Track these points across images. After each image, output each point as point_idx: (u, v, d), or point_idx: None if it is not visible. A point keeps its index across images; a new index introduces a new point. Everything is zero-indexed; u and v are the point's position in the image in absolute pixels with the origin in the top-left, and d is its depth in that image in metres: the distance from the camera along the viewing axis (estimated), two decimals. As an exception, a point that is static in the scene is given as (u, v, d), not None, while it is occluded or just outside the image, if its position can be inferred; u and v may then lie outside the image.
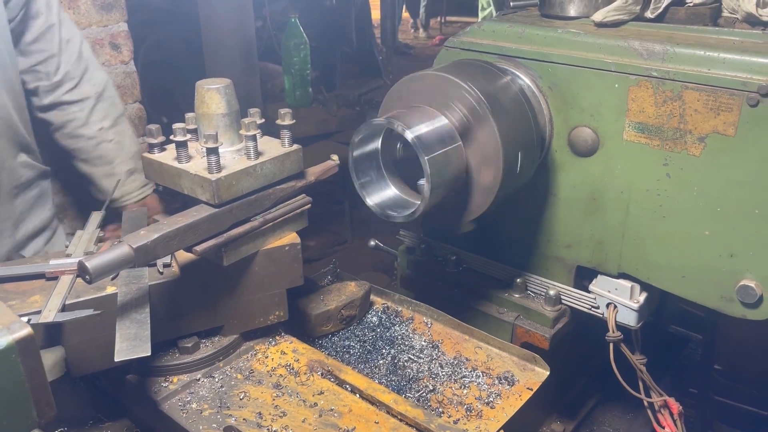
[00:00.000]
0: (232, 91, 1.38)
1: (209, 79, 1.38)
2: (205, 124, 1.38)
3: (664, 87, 1.51)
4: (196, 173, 1.31)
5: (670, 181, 1.56)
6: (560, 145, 1.72)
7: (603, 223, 1.71)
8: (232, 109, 1.38)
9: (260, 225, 1.39)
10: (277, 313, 1.48)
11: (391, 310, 1.70)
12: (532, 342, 1.82)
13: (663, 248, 1.63)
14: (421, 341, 1.59)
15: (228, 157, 1.37)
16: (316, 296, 1.62)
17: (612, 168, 1.65)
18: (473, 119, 1.50)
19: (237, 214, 1.35)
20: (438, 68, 1.63)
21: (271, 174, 1.38)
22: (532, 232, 1.85)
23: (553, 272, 1.86)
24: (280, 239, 1.46)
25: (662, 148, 1.55)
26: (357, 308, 1.62)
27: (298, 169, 1.45)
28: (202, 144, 1.30)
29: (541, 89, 1.70)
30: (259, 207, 1.39)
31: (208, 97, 1.36)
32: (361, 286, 1.66)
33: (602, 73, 1.59)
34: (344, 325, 1.63)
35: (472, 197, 1.58)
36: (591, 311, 1.80)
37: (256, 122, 1.36)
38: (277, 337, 1.53)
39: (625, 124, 1.59)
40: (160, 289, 1.36)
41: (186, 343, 1.42)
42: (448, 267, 2.01)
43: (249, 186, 1.35)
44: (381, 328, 1.64)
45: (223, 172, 1.30)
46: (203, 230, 1.29)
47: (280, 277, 1.46)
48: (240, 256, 1.39)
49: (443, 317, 1.61)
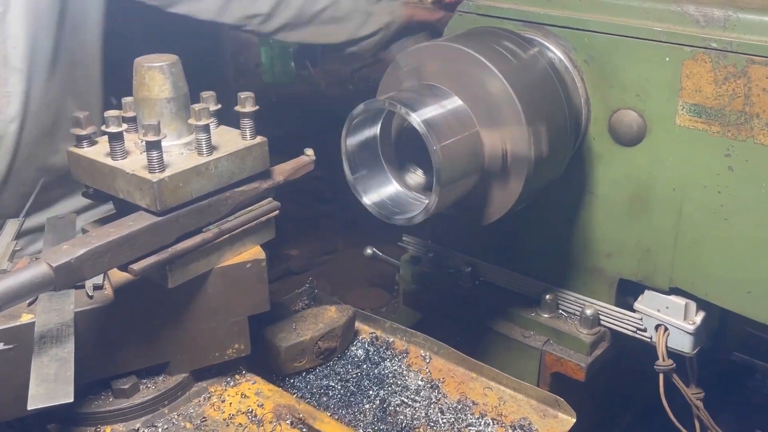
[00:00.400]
0: (179, 70, 1.35)
1: (151, 55, 1.36)
2: (146, 111, 1.36)
3: (726, 61, 1.51)
4: (134, 173, 1.27)
5: (732, 176, 1.57)
6: (599, 132, 1.72)
7: (651, 226, 1.71)
8: (180, 92, 1.36)
9: (215, 237, 1.37)
10: (236, 346, 1.47)
11: (381, 341, 1.68)
12: (565, 372, 1.82)
13: (724, 257, 1.63)
14: (418, 380, 1.57)
15: (174, 152, 1.35)
16: (287, 324, 1.60)
17: (662, 159, 1.65)
18: (486, 89, 1.50)
19: (185, 223, 1.33)
20: (448, 38, 1.63)
21: (228, 173, 1.36)
22: (565, 238, 1.85)
23: (590, 287, 1.86)
24: (240, 254, 1.44)
25: (723, 135, 1.55)
26: (338, 339, 1.60)
27: (263, 167, 1.43)
28: (141, 137, 1.28)
29: (575, 63, 1.70)
30: (214, 214, 1.37)
31: (149, 77, 1.33)
32: (344, 311, 1.63)
33: (650, 44, 1.59)
34: (322, 360, 1.60)
35: (492, 193, 1.58)
36: (636, 335, 1.80)
37: (208, 109, 1.34)
38: (236, 376, 1.51)
39: (678, 106, 1.59)
40: (90, 317, 1.33)
41: (122, 384, 1.40)
42: (462, 280, 2.01)
43: (200, 188, 1.33)
44: (368, 363, 1.61)
45: (167, 171, 1.27)
46: (142, 244, 1.26)
47: (241, 302, 1.44)
48: (189, 276, 1.37)
49: (445, 350, 1.60)
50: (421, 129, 1.43)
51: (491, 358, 1.94)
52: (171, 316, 1.41)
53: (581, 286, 1.87)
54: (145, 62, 1.34)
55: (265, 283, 1.45)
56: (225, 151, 1.36)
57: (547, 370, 1.84)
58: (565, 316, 1.90)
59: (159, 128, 1.26)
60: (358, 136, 1.57)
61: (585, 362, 1.79)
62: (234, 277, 1.42)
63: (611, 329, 1.84)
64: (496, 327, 1.92)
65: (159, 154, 1.26)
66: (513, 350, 1.90)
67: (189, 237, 1.34)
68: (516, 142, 1.50)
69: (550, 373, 1.84)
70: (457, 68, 1.53)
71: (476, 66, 1.51)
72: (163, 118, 1.35)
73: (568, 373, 1.81)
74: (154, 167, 1.27)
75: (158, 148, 1.26)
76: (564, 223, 1.84)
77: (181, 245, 1.32)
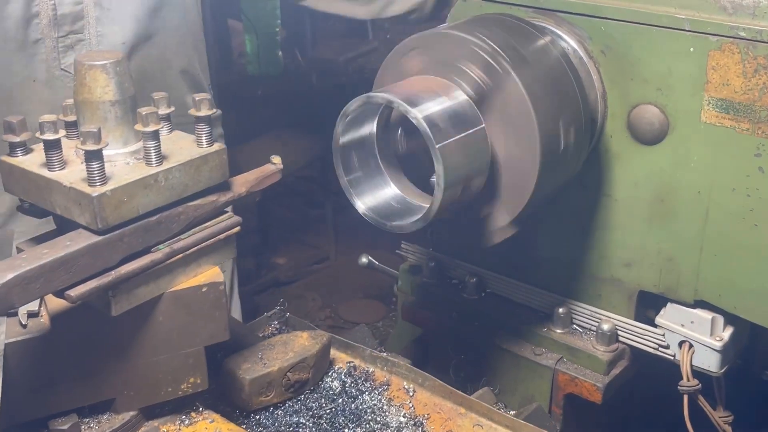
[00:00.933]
0: (125, 69, 1.33)
1: (92, 51, 1.35)
2: (87, 115, 1.32)
3: (756, 51, 1.52)
4: (72, 186, 1.23)
5: (764, 178, 1.57)
6: (617, 129, 1.72)
7: (674, 233, 1.71)
8: (126, 94, 1.33)
9: (165, 258, 1.34)
10: (191, 380, 1.44)
11: (360, 372, 1.63)
12: (580, 393, 1.82)
13: (754, 267, 1.63)
14: (400, 416, 1.54)
15: (119, 162, 1.32)
16: (252, 354, 1.55)
17: (686, 159, 1.65)
18: (490, 80, 1.50)
19: (131, 243, 1.29)
20: (452, 26, 1.63)
21: (181, 185, 1.33)
22: (579, 245, 1.85)
23: (607, 300, 1.86)
24: (196, 277, 1.41)
25: (753, 133, 1.56)
26: (310, 370, 1.57)
27: (222, 178, 1.40)
28: (79, 145, 1.24)
29: (591, 54, 1.70)
30: (164, 232, 1.34)
31: (90, 77, 1.30)
32: (317, 338, 1.60)
33: (673, 33, 1.60)
34: (292, 393, 1.57)
35: (499, 194, 1.58)
36: (658, 352, 1.80)
37: (157, 113, 1.31)
38: (192, 414, 1.48)
39: (704, 101, 1.60)
40: (23, 349, 1.30)
41: (61, 424, 1.36)
42: (467, 292, 2.02)
43: (149, 203, 1.30)
44: (344, 397, 1.57)
45: (109, 184, 1.23)
46: (81, 267, 1.23)
47: (196, 331, 1.41)
48: (136, 302, 1.33)
49: (431, 382, 1.57)
50: (421, 126, 1.43)
51: (498, 378, 1.94)
52: (116, 348, 1.37)
53: (597, 299, 1.88)
54: (86, 60, 1.30)
55: (223, 309, 1.42)
56: (177, 160, 1.33)
57: (560, 392, 1.85)
58: (579, 331, 1.90)
59: (99, 135, 1.22)
60: (352, 133, 1.58)
61: (602, 382, 1.80)
62: (188, 302, 1.39)
63: (630, 346, 1.85)
64: (503, 344, 1.93)
65: (100, 164, 1.23)
66: (522, 369, 1.90)
67: (135, 258, 1.30)
68: (525, 141, 1.51)
69: (564, 394, 1.84)
70: (461, 59, 1.54)
71: (482, 57, 1.51)
72: (107, 124, 1.31)
73: (583, 395, 1.82)
74: (95, 180, 1.23)
75: (99, 159, 1.22)
76: (578, 230, 1.84)
77: (125, 268, 1.28)
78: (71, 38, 1.89)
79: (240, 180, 1.45)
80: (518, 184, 1.55)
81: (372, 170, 1.61)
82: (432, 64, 1.57)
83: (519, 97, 1.49)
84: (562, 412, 1.87)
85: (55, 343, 1.33)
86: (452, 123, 1.48)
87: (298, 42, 4.81)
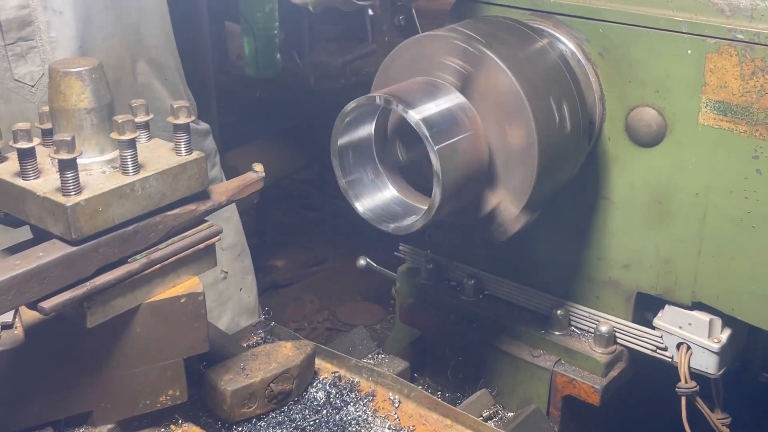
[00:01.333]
0: (102, 75, 1.31)
1: (68, 58, 1.33)
2: (63, 123, 1.29)
3: (753, 54, 1.52)
4: (46, 196, 1.21)
5: (761, 180, 1.57)
6: (615, 132, 1.73)
7: (672, 235, 1.72)
8: (102, 102, 1.30)
9: (142, 268, 1.31)
10: (170, 392, 1.42)
11: (345, 382, 1.61)
12: (578, 395, 1.82)
13: (752, 269, 1.63)
14: (385, 428, 1.51)
15: (95, 171, 1.30)
16: (234, 364, 1.53)
17: (684, 162, 1.66)
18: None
19: (106, 253, 1.25)
20: (449, 28, 1.63)
21: (158, 195, 1.31)
22: (577, 247, 1.86)
23: (605, 302, 1.87)
24: (174, 287, 1.39)
25: (751, 135, 1.56)
26: (294, 381, 1.54)
27: (201, 187, 1.37)
28: (52, 154, 1.22)
29: (589, 57, 1.71)
30: (141, 242, 1.31)
31: (65, 85, 1.28)
32: (301, 348, 1.57)
33: (671, 36, 1.60)
34: (275, 404, 1.53)
35: (503, 183, 1.58)
36: (656, 354, 1.80)
37: (133, 121, 1.28)
38: (171, 427, 1.45)
39: (701, 103, 1.60)
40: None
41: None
42: (465, 294, 2.02)
43: (125, 213, 1.27)
44: (329, 408, 1.55)
45: (83, 193, 1.21)
46: (55, 278, 1.19)
47: (175, 342, 1.39)
48: (112, 314, 1.31)
49: (416, 393, 1.55)
50: (419, 128, 1.43)
51: (497, 380, 1.95)
52: (92, 360, 1.35)
53: (595, 301, 1.88)
54: (61, 67, 1.28)
55: (203, 320, 1.40)
56: (154, 168, 1.30)
57: (558, 394, 1.85)
58: (577, 333, 1.90)
59: (73, 144, 1.20)
60: (350, 135, 1.58)
61: (600, 384, 1.80)
62: (166, 313, 1.37)
63: (628, 348, 1.85)
64: (501, 345, 1.93)
65: (74, 174, 1.21)
66: (520, 371, 1.90)
67: (112, 269, 1.28)
68: (523, 143, 1.51)
69: (562, 396, 1.85)
70: (459, 62, 1.54)
71: (480, 59, 1.52)
72: (83, 132, 1.29)
73: (581, 397, 1.82)
74: (69, 189, 1.21)
75: (73, 168, 1.20)
76: (576, 232, 1.84)
77: (101, 279, 1.26)
78: (21, 46, 1.76)
79: (220, 188, 1.43)
80: (520, 167, 1.54)
81: (370, 172, 1.61)
82: (420, 64, 1.58)
83: (519, 103, 1.49)
84: (560, 414, 1.87)
85: (29, 356, 1.30)
86: (450, 124, 1.48)
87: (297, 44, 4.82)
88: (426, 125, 1.44)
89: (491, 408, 1.86)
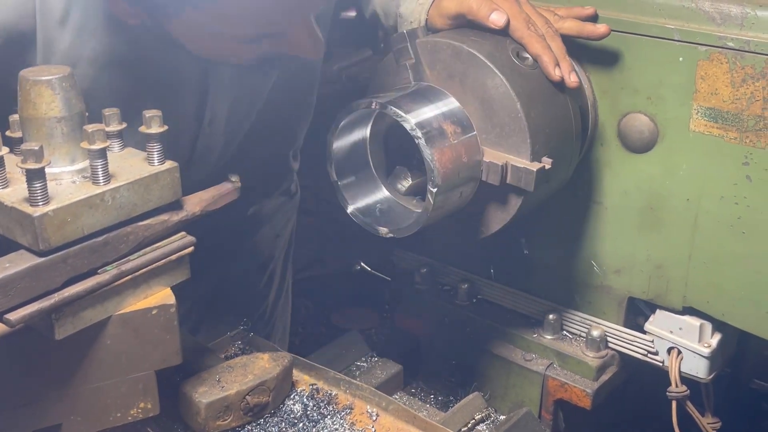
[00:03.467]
0: (72, 83, 1.28)
1: (38, 67, 1.29)
2: (33, 132, 1.26)
3: (744, 61, 1.53)
4: (13, 205, 1.19)
5: (751, 186, 1.59)
6: (607, 138, 1.74)
7: (663, 240, 1.73)
8: (73, 110, 1.28)
9: (113, 279, 1.29)
10: (141, 405, 1.39)
11: (323, 394, 1.59)
12: (569, 399, 1.83)
13: (742, 274, 1.65)
14: None
15: (66, 180, 1.27)
16: (209, 376, 1.50)
17: (675, 168, 1.67)
18: (490, 101, 1.52)
19: (75, 264, 1.23)
20: (444, 33, 1.65)
21: (129, 205, 1.29)
22: (570, 253, 1.87)
23: (596, 306, 1.88)
24: (146, 299, 1.36)
25: (741, 142, 1.58)
26: (270, 393, 1.51)
27: (173, 197, 1.35)
28: (20, 163, 1.19)
29: (581, 63, 1.72)
30: (112, 253, 1.29)
31: (35, 93, 1.25)
32: (278, 359, 1.55)
33: (662, 43, 1.61)
34: (251, 417, 1.50)
35: (489, 203, 1.60)
36: (647, 358, 1.82)
37: (104, 131, 1.26)
38: None
39: (693, 110, 1.62)
40: None
41: None
42: (458, 298, 2.03)
43: (95, 223, 1.25)
44: (305, 421, 1.53)
45: (52, 203, 1.19)
46: (21, 290, 1.17)
47: (146, 355, 1.36)
48: (81, 326, 1.28)
49: (394, 406, 1.52)
50: (414, 133, 1.45)
51: (489, 383, 1.95)
52: (61, 372, 1.32)
53: (587, 306, 1.89)
54: (31, 75, 1.25)
55: (175, 332, 1.37)
56: (125, 179, 1.28)
57: (550, 397, 1.86)
58: (569, 337, 1.91)
59: (41, 153, 1.17)
60: (345, 139, 1.59)
61: (591, 388, 1.81)
62: (137, 325, 1.34)
63: (620, 352, 1.86)
64: (494, 349, 1.94)
65: (42, 183, 1.18)
66: (513, 375, 1.91)
67: (81, 280, 1.25)
68: (516, 148, 1.52)
69: (554, 400, 1.86)
70: (454, 67, 1.55)
71: (475, 65, 1.53)
72: (53, 141, 1.27)
73: (572, 401, 1.83)
74: (37, 199, 1.18)
75: (40, 177, 1.18)
76: (569, 237, 1.86)
77: (69, 290, 1.23)
78: None
79: (194, 199, 1.41)
80: (508, 194, 1.56)
81: (365, 176, 1.62)
82: (427, 71, 1.59)
83: (512, 108, 1.51)
84: (551, 418, 1.88)
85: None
86: (445, 129, 1.50)
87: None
88: (420, 129, 1.45)
89: (483, 411, 1.86)
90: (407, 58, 1.60)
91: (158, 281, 1.37)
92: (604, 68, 1.70)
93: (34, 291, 1.20)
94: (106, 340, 1.32)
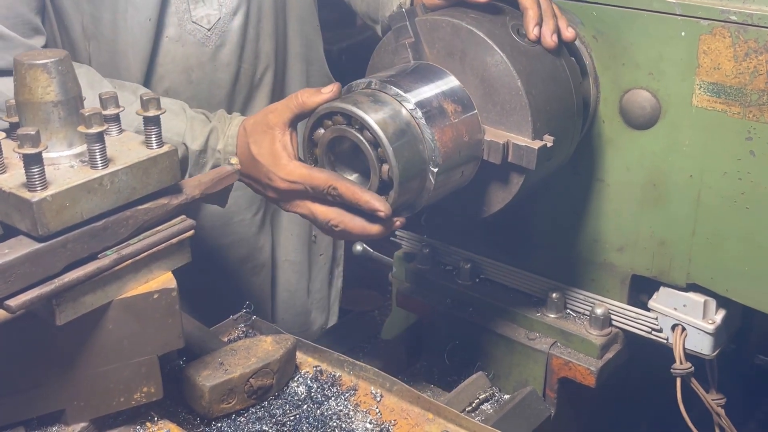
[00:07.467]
0: (69, 67, 1.28)
1: (34, 51, 1.30)
2: (29, 117, 1.26)
3: (747, 35, 1.52)
4: (11, 191, 1.19)
5: (755, 161, 1.58)
6: (609, 114, 1.73)
7: (666, 216, 1.73)
8: (70, 94, 1.28)
9: (113, 264, 1.29)
10: (145, 389, 1.39)
11: (326, 376, 1.59)
12: (574, 377, 1.83)
13: (746, 250, 1.64)
14: (366, 423, 1.48)
15: (63, 165, 1.27)
16: (213, 359, 1.51)
17: (678, 144, 1.66)
18: (490, 78, 1.51)
19: (75, 249, 1.23)
20: (441, 12, 1.63)
21: (128, 189, 1.29)
22: (572, 230, 1.86)
23: (600, 284, 1.88)
24: (147, 283, 1.36)
25: (744, 116, 1.57)
26: (274, 375, 1.52)
27: (172, 180, 1.35)
28: (16, 149, 1.19)
29: (582, 39, 1.71)
30: (112, 238, 1.29)
31: (30, 77, 1.25)
32: (282, 342, 1.55)
33: (664, 18, 1.60)
34: (255, 399, 1.51)
35: (490, 183, 1.59)
36: (651, 335, 1.82)
37: (101, 114, 1.26)
38: (147, 424, 1.43)
39: (695, 85, 1.61)
40: None
41: None
42: (461, 278, 2.03)
43: (93, 208, 1.24)
44: (310, 402, 1.53)
45: (50, 189, 1.19)
46: (21, 275, 1.17)
47: (148, 339, 1.37)
48: (83, 311, 1.29)
49: (399, 387, 1.53)
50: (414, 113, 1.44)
51: (493, 363, 1.96)
52: (64, 357, 1.33)
53: (591, 283, 1.89)
54: (26, 59, 1.25)
55: (177, 316, 1.37)
56: (123, 162, 1.28)
57: (555, 376, 1.86)
58: (573, 316, 1.91)
59: (38, 138, 1.17)
60: None
61: (595, 366, 1.81)
62: (139, 310, 1.35)
63: (624, 330, 1.86)
64: (497, 328, 1.94)
65: (39, 168, 1.18)
66: (516, 354, 1.91)
67: (81, 265, 1.25)
68: (518, 126, 1.51)
69: (558, 378, 1.86)
70: (453, 45, 1.54)
71: (474, 42, 1.52)
72: (50, 125, 1.27)
73: (577, 379, 1.83)
74: (35, 184, 1.18)
75: (38, 162, 1.18)
76: (571, 214, 1.85)
77: (69, 275, 1.23)
78: None
79: (193, 182, 1.41)
80: (508, 173, 1.55)
81: None
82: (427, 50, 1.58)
83: (512, 84, 1.50)
84: (556, 396, 1.88)
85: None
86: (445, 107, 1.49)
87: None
88: (420, 108, 1.44)
89: (487, 390, 1.87)
90: (406, 37, 1.59)
91: (159, 265, 1.37)
92: (605, 44, 1.69)
93: (34, 277, 1.20)
94: (108, 324, 1.33)
